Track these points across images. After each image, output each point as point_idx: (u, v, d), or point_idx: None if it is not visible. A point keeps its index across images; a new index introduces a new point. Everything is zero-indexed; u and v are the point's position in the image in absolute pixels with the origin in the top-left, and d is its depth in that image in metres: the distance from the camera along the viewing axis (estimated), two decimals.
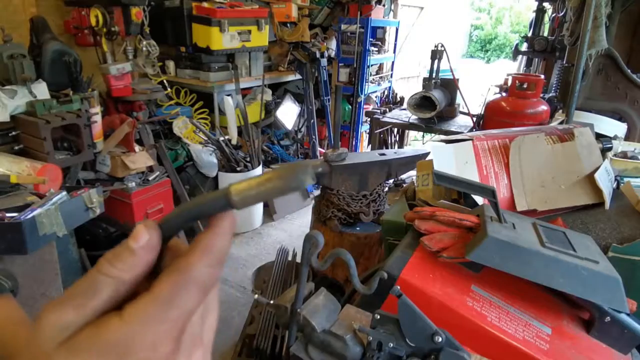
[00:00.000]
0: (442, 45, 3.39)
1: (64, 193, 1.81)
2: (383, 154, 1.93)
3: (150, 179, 2.69)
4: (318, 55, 4.22)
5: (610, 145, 1.46)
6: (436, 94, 3.35)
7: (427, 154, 1.65)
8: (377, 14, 4.60)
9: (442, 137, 1.47)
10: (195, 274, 0.28)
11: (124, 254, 0.28)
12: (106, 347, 0.26)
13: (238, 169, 3.45)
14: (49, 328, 0.26)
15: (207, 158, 3.33)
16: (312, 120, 4.45)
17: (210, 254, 0.29)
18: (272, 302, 0.78)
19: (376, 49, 4.81)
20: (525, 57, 4.14)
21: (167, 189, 2.79)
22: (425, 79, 3.48)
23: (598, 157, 1.26)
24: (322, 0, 4.55)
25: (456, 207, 1.06)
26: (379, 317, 0.70)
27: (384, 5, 4.73)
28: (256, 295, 0.88)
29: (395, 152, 1.98)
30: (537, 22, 3.88)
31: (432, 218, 0.97)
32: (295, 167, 0.29)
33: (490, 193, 0.92)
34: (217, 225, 0.30)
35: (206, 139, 3.36)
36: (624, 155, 1.50)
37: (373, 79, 4.91)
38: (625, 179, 1.30)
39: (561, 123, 2.15)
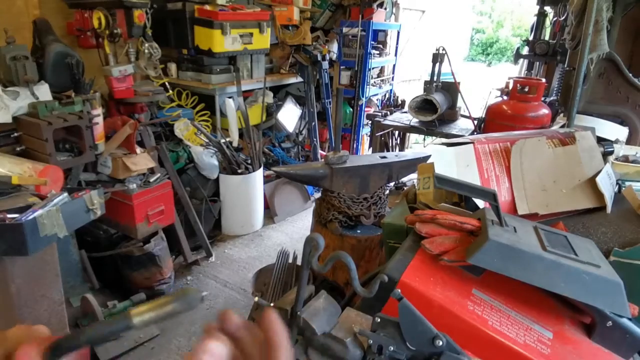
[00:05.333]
0: (444, 49, 3.39)
1: (65, 194, 1.81)
2: (384, 157, 1.93)
3: (151, 180, 2.69)
4: (319, 58, 4.22)
5: (611, 149, 1.46)
6: (437, 97, 3.35)
7: (428, 157, 1.65)
8: (379, 17, 4.61)
9: (443, 140, 1.47)
10: None
11: None
12: None
13: (239, 171, 3.45)
14: None
15: (208, 160, 3.34)
16: (313, 123, 4.45)
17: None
18: (272, 304, 0.78)
19: (377, 52, 4.81)
20: (526, 61, 4.14)
21: (168, 191, 2.79)
22: (426, 82, 3.48)
23: (599, 161, 1.26)
24: (324, 3, 4.57)
25: (457, 211, 1.06)
26: (379, 320, 0.70)
27: (385, 9, 4.74)
28: (256, 298, 0.88)
29: (397, 155, 1.98)
30: (539, 26, 3.88)
31: (433, 221, 0.97)
32: (186, 292, 0.36)
33: (491, 196, 0.92)
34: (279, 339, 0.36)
35: (207, 141, 3.36)
36: (625, 159, 1.50)
37: (374, 82, 4.91)
38: (627, 183, 1.30)
39: (562, 127, 2.15)
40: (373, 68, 4.73)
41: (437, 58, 3.39)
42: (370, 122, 4.13)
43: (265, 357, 0.35)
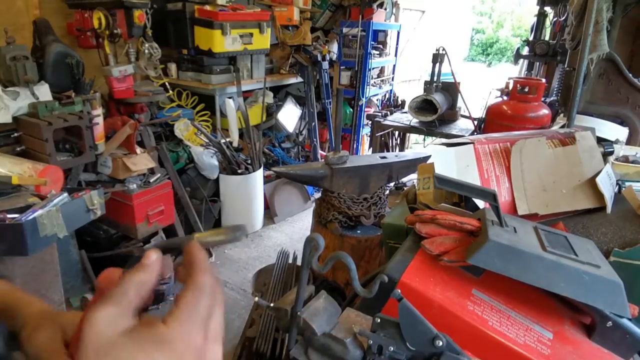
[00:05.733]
0: (444, 49, 3.39)
1: (65, 194, 1.81)
2: (384, 157, 1.93)
3: (151, 180, 2.69)
4: (319, 58, 4.23)
5: (611, 149, 1.45)
6: (437, 97, 3.35)
7: (428, 157, 1.65)
8: (379, 18, 4.61)
9: (444, 140, 1.47)
10: (205, 286, 0.40)
11: (142, 265, 0.42)
12: (158, 341, 0.35)
13: (239, 171, 3.45)
14: (101, 320, 0.34)
15: (208, 160, 3.34)
16: (313, 123, 4.45)
17: (207, 271, 0.41)
18: (272, 305, 0.78)
19: (377, 52, 4.81)
20: (526, 61, 4.14)
21: (168, 191, 2.80)
22: (426, 82, 3.48)
23: (599, 161, 1.26)
24: (324, 3, 4.57)
25: (457, 211, 1.06)
26: (379, 320, 0.70)
27: (385, 9, 4.74)
28: (256, 298, 0.88)
29: (397, 155, 1.98)
30: (539, 26, 3.88)
31: (433, 221, 0.96)
32: (235, 227, 0.45)
33: (491, 197, 0.92)
34: (198, 258, 0.43)
35: (207, 141, 3.36)
36: (625, 159, 1.50)
37: (374, 82, 4.91)
38: (627, 183, 1.30)
39: (562, 127, 2.15)
40: (373, 68, 4.73)
41: (437, 58, 3.39)
42: (370, 122, 4.13)
43: (187, 274, 0.42)
